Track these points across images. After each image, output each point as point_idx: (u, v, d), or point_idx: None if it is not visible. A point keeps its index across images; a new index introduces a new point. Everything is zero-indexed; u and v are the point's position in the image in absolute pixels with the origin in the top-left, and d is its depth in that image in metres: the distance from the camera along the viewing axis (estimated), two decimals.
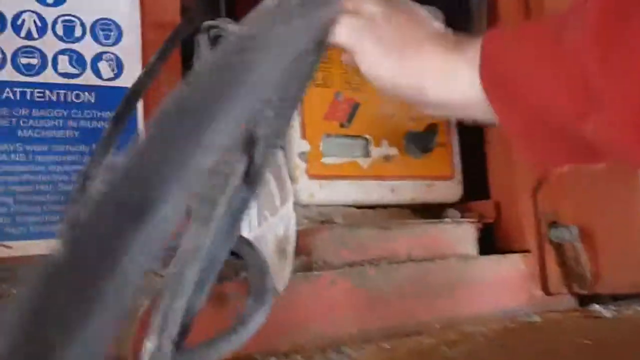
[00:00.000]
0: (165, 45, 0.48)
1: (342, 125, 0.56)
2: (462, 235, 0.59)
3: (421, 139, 0.58)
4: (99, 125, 0.49)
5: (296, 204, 0.50)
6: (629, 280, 0.56)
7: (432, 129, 0.58)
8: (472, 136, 0.65)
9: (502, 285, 0.58)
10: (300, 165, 0.53)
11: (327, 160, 0.55)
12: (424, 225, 0.57)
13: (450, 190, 0.63)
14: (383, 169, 0.58)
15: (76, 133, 0.48)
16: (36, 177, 0.46)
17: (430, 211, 0.62)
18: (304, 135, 0.54)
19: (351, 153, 0.57)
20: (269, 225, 0.46)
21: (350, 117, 0.57)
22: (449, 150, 0.63)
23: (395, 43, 0.44)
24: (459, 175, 0.63)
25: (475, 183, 0.65)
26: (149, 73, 0.47)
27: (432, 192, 0.61)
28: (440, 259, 0.56)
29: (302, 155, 0.54)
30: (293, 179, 0.52)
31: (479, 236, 0.61)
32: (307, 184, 0.53)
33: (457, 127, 0.64)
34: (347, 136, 0.57)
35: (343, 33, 0.45)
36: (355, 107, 0.57)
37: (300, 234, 0.47)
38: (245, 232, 0.45)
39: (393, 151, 0.59)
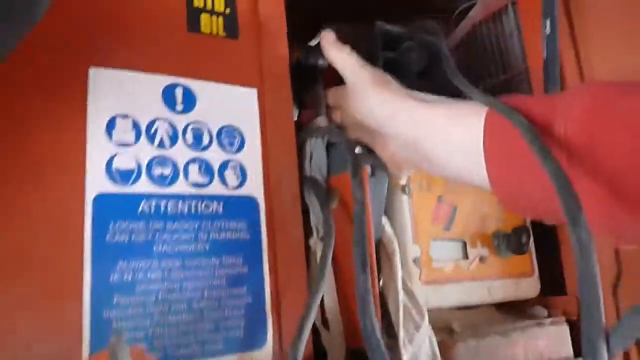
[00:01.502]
0: None
1: (445, 229, 0.57)
2: (562, 335, 0.60)
3: (510, 239, 0.60)
4: (227, 237, 0.47)
5: None
6: None
7: (520, 230, 0.60)
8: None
9: None
10: (415, 272, 0.53)
11: (436, 264, 0.55)
12: (533, 327, 0.58)
13: (531, 286, 0.64)
14: (480, 270, 0.59)
15: (207, 246, 0.46)
16: (171, 295, 0.43)
17: (513, 307, 0.64)
18: (415, 241, 0.54)
19: (454, 256, 0.58)
20: (417, 342, 0.45)
21: (451, 220, 0.58)
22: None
23: (391, 81, 0.49)
24: (536, 271, 0.65)
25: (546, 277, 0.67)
26: None
27: (518, 290, 0.63)
28: None
29: (416, 261, 0.54)
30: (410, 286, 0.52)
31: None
32: (422, 290, 0.53)
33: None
34: (450, 239, 0.58)
35: (352, 59, 0.49)
36: (455, 210, 0.59)
37: (440, 348, 0.46)
38: (402, 352, 0.43)
39: (485, 252, 0.60)
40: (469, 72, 0.90)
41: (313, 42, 0.78)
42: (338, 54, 0.55)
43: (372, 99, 0.51)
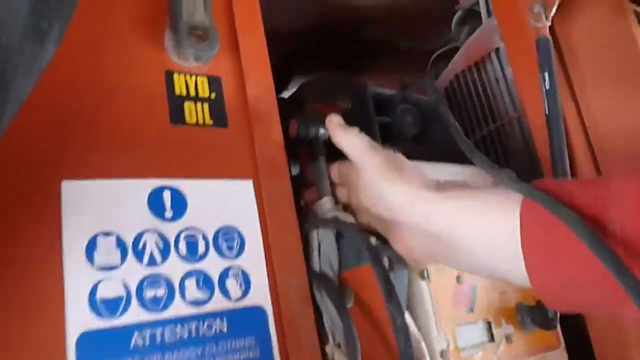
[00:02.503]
0: None
1: (468, 311, 0.52)
2: None
3: (534, 313, 0.56)
4: (235, 359, 0.40)
5: None
6: None
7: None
8: None
9: None
10: None
11: (464, 354, 0.50)
12: None
13: (559, 358, 0.60)
14: (508, 350, 0.54)
15: None
16: None
17: None
18: (440, 329, 0.49)
19: (480, 339, 0.52)
20: None
21: (473, 301, 0.53)
22: None
23: (404, 166, 0.45)
24: (562, 342, 0.61)
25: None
26: None
27: None
28: None
29: (444, 354, 0.48)
30: None
31: None
32: None
33: None
34: (474, 322, 0.52)
35: (363, 143, 0.45)
36: (474, 289, 0.54)
37: None
38: None
39: (511, 329, 0.55)
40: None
41: (285, 94, 0.73)
42: (345, 136, 0.50)
43: (384, 185, 0.46)
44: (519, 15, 0.68)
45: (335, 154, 0.55)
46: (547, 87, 0.62)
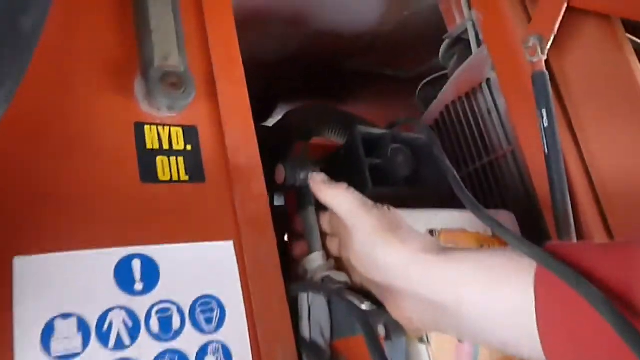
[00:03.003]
0: None
1: None
2: None
3: None
4: None
5: None
6: None
7: None
8: None
9: None
10: None
11: None
12: None
13: None
14: None
15: None
16: None
17: None
18: None
19: None
20: None
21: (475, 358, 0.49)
22: None
23: (399, 225, 0.42)
24: None
25: None
26: None
27: None
28: None
29: None
30: None
31: None
32: None
33: None
34: None
35: (351, 200, 0.41)
36: (477, 346, 0.50)
37: None
38: None
39: None
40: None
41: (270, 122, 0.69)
42: (332, 195, 0.46)
43: (377, 248, 0.41)
44: (512, 46, 0.65)
45: None
46: (546, 125, 0.58)
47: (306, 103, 1.12)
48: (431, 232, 0.51)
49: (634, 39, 0.66)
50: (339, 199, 0.45)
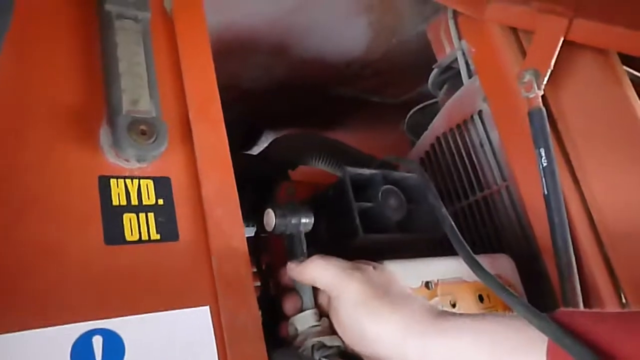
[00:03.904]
0: None
1: None
2: None
3: None
4: None
5: None
6: None
7: None
8: None
9: None
10: None
11: None
12: None
13: None
14: None
15: None
16: None
17: None
18: None
19: None
20: None
21: None
22: None
23: (386, 290, 0.38)
24: None
25: None
26: None
27: None
28: None
29: None
30: None
31: None
32: None
33: None
34: None
35: (330, 271, 0.39)
36: None
37: None
38: None
39: None
40: (439, 192, 0.80)
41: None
42: (309, 271, 0.42)
43: (365, 321, 0.37)
44: (505, 80, 0.62)
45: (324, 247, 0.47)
46: (544, 165, 0.55)
47: (293, 131, 1.10)
48: (427, 284, 0.47)
49: (632, 72, 0.63)
50: (316, 273, 0.42)
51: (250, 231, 0.61)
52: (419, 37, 0.87)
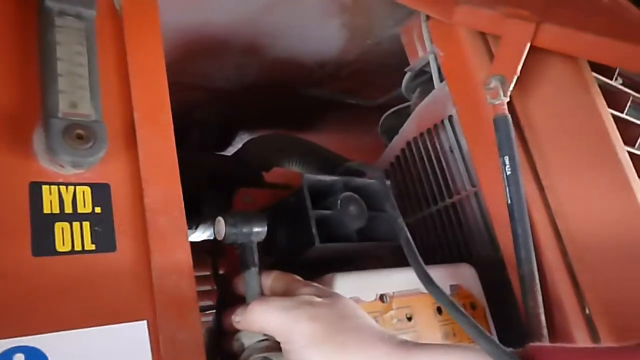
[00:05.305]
0: None
1: None
2: None
3: None
4: None
5: None
6: None
7: None
8: None
9: None
10: None
11: None
12: None
13: None
14: None
15: None
16: None
17: None
18: None
19: None
20: None
21: None
22: None
23: (338, 327, 0.36)
24: None
25: None
26: None
27: None
28: None
29: None
30: None
31: None
32: None
33: None
34: None
35: (271, 316, 0.38)
36: None
37: None
38: None
39: None
40: (408, 197, 0.79)
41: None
42: (254, 317, 0.39)
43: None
44: (472, 85, 0.61)
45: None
46: (509, 173, 0.54)
47: (267, 132, 1.08)
48: (382, 297, 0.46)
49: (602, 78, 0.63)
50: (258, 322, 0.39)
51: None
52: (393, 38, 0.86)
